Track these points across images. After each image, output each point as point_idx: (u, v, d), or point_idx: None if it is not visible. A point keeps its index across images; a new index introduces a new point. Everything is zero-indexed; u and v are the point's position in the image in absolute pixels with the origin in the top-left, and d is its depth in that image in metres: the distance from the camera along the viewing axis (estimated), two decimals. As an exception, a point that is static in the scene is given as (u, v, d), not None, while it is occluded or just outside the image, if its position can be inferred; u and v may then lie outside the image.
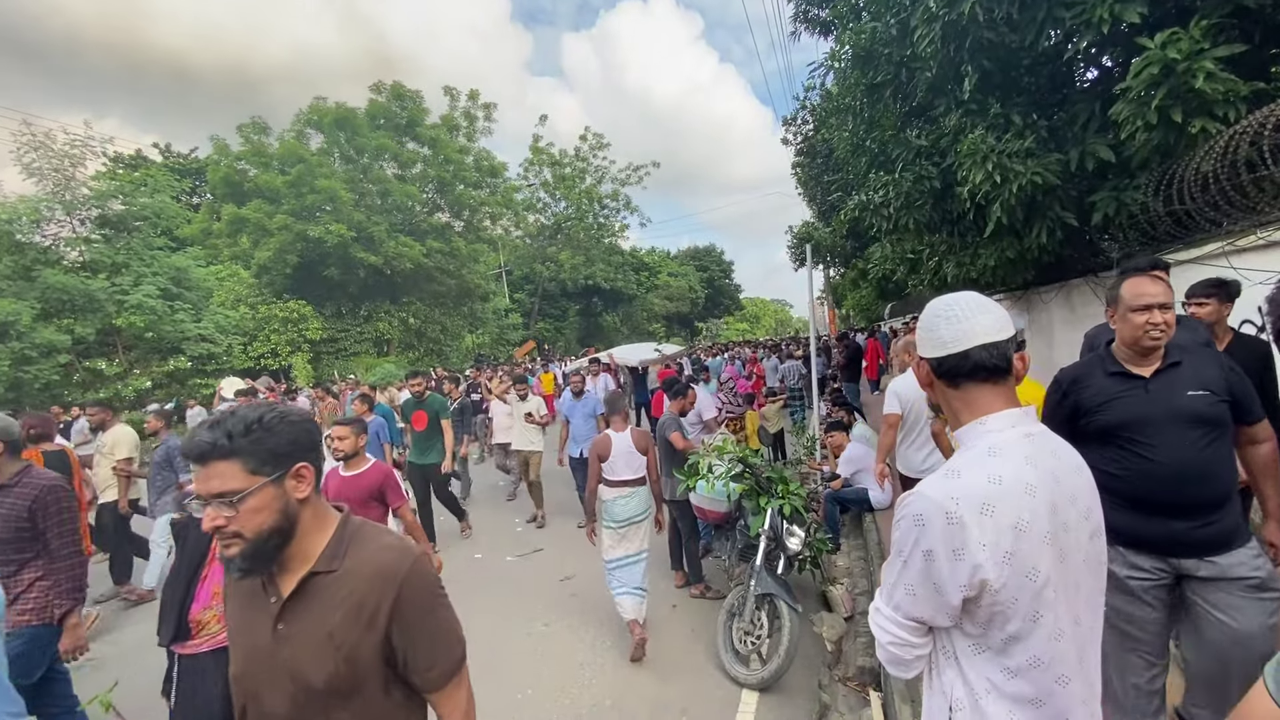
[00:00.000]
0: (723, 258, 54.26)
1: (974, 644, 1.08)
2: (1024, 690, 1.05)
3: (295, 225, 19.99)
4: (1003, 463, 1.07)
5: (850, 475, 5.44)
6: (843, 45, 6.46)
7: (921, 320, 1.22)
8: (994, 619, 1.04)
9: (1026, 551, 1.03)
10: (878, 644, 1.18)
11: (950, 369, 1.15)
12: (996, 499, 1.03)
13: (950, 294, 1.21)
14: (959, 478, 1.07)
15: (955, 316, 1.15)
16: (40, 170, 16.23)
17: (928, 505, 1.06)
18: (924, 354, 1.20)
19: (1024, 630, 1.04)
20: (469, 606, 4.74)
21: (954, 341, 1.14)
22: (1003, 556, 1.01)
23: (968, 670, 1.09)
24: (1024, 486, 1.05)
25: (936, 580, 1.04)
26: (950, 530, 1.03)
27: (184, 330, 17.04)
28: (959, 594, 1.04)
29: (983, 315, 1.14)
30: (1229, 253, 3.90)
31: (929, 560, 1.05)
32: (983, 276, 6.25)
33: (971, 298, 1.18)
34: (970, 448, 1.12)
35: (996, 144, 4.77)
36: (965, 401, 1.16)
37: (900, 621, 1.12)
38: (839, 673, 3.59)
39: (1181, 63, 3.60)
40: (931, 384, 1.21)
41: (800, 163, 14.43)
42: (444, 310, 26.28)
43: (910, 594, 1.09)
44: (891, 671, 1.21)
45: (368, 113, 23.30)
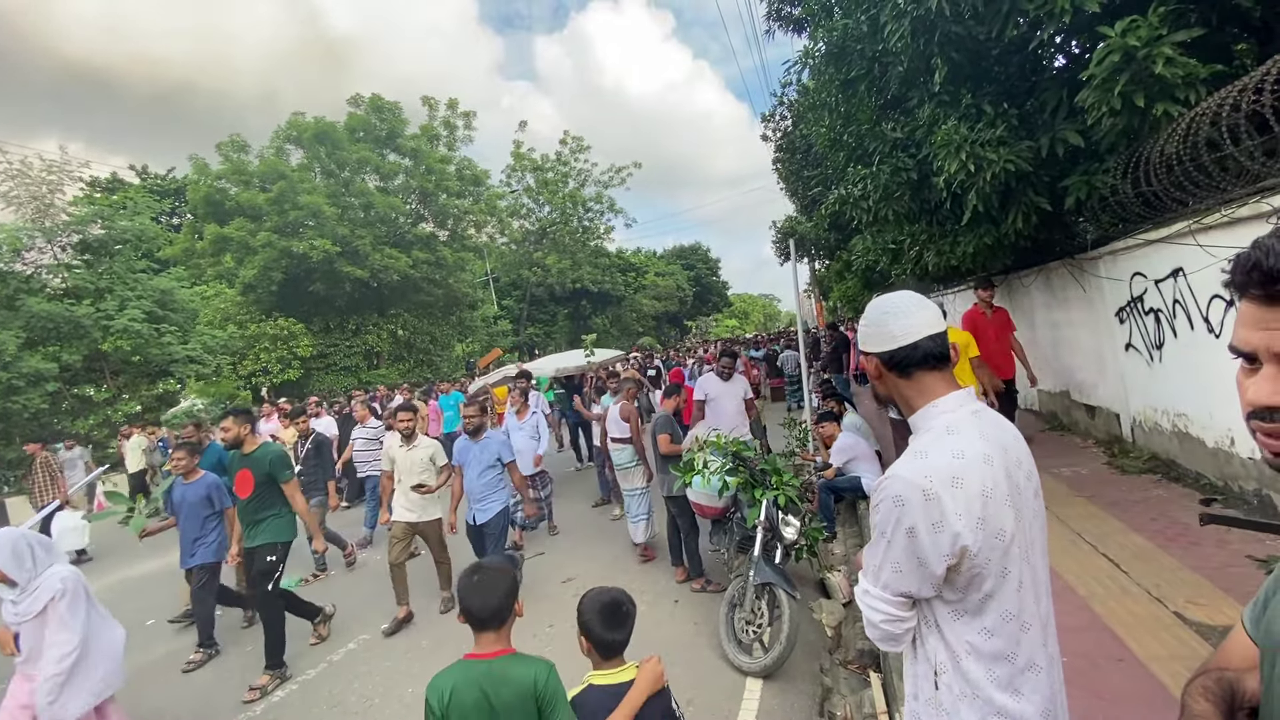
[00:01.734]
0: (709, 255, 54.43)
1: (952, 610, 1.18)
2: (999, 646, 1.16)
3: (279, 242, 19.88)
4: (961, 439, 1.18)
5: (843, 464, 5.54)
6: (816, 42, 6.57)
7: (867, 320, 1.32)
8: (972, 581, 1.14)
9: (994, 515, 1.14)
10: (868, 623, 1.25)
11: (901, 360, 1.25)
12: (963, 472, 1.13)
13: (889, 294, 1.33)
14: (927, 458, 1.17)
15: (902, 312, 1.27)
16: (19, 198, 16.07)
17: (904, 486, 1.14)
18: (872, 349, 1.29)
19: (996, 587, 1.15)
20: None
21: (904, 335, 1.24)
22: (976, 522, 1.11)
23: (948, 635, 1.19)
24: (983, 457, 1.16)
25: (920, 554, 1.13)
26: (928, 506, 1.11)
27: (171, 352, 16.90)
28: (943, 563, 1.12)
29: (924, 310, 1.26)
30: (1196, 231, 4.03)
31: (911, 537, 1.13)
32: (963, 263, 6.38)
33: (911, 295, 1.29)
34: (928, 429, 1.23)
35: (969, 134, 4.88)
36: (918, 389, 1.26)
37: (889, 599, 1.19)
38: (839, 656, 3.68)
39: (1141, 49, 3.72)
40: (881, 376, 1.31)
41: (780, 158, 14.56)
42: (432, 320, 26.22)
43: (897, 570, 1.17)
44: (883, 648, 1.31)
45: (347, 126, 23.20)
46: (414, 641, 4.50)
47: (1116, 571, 3.50)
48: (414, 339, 24.89)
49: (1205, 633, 2.79)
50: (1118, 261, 5.25)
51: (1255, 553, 3.33)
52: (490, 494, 4.85)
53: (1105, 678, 2.62)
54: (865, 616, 1.25)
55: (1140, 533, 3.93)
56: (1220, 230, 3.84)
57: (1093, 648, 2.82)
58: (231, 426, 4.41)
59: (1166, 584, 3.26)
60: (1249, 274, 0.66)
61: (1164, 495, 4.50)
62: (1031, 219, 5.28)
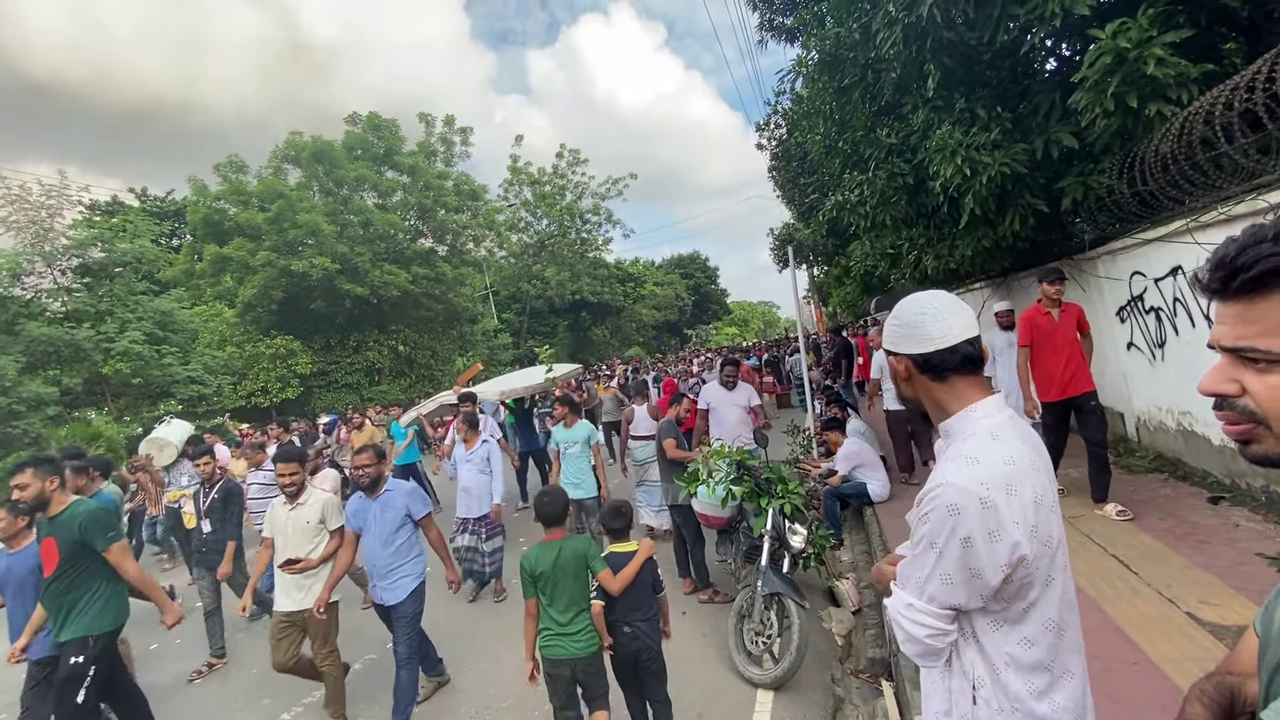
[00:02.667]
0: (707, 264, 54.57)
1: (993, 620, 1.14)
2: (1039, 656, 1.12)
3: (278, 261, 19.93)
4: (1008, 444, 1.14)
5: (849, 471, 5.53)
6: (809, 50, 6.63)
7: (900, 319, 1.25)
8: (1020, 591, 1.11)
9: (1045, 522, 1.11)
10: (909, 639, 1.19)
11: (938, 364, 1.19)
12: (1016, 478, 1.10)
13: (922, 293, 1.27)
14: (979, 464, 1.11)
15: (939, 313, 1.21)
16: (18, 223, 16.15)
17: (960, 494, 1.09)
18: (905, 350, 1.23)
19: (1040, 595, 1.12)
20: (478, 627, 4.77)
21: (942, 337, 1.19)
22: (1030, 530, 1.08)
23: (987, 647, 1.15)
24: (1029, 462, 1.13)
25: (974, 565, 1.08)
26: (985, 514, 1.07)
27: (172, 373, 16.91)
28: (1000, 574, 1.08)
29: (962, 312, 1.22)
30: (1193, 229, 4.04)
31: (967, 547, 1.08)
32: (962, 266, 6.40)
33: (946, 296, 1.24)
34: (970, 434, 1.17)
35: (964, 138, 4.91)
36: (953, 393, 1.21)
37: (935, 612, 1.14)
38: (850, 666, 3.65)
39: (1132, 50, 3.76)
40: (911, 378, 1.24)
41: (776, 166, 14.64)
42: (433, 335, 26.22)
43: (947, 583, 1.11)
44: (922, 664, 1.24)
45: (344, 144, 23.32)
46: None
47: (1126, 572, 3.48)
48: (415, 354, 24.87)
49: (1219, 633, 2.76)
50: (1116, 261, 5.26)
51: (1265, 550, 3.31)
52: (399, 564, 3.65)
53: (1119, 681, 2.59)
54: (906, 632, 1.19)
55: (1149, 532, 3.91)
56: (1217, 228, 3.85)
57: (1105, 650, 2.79)
58: (30, 482, 3.26)
59: (1177, 584, 3.23)
60: (1210, 274, 0.69)
61: (1171, 494, 4.48)
62: (1029, 221, 5.30)
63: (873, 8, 5.37)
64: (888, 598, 1.28)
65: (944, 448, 1.23)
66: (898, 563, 1.30)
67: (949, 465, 1.15)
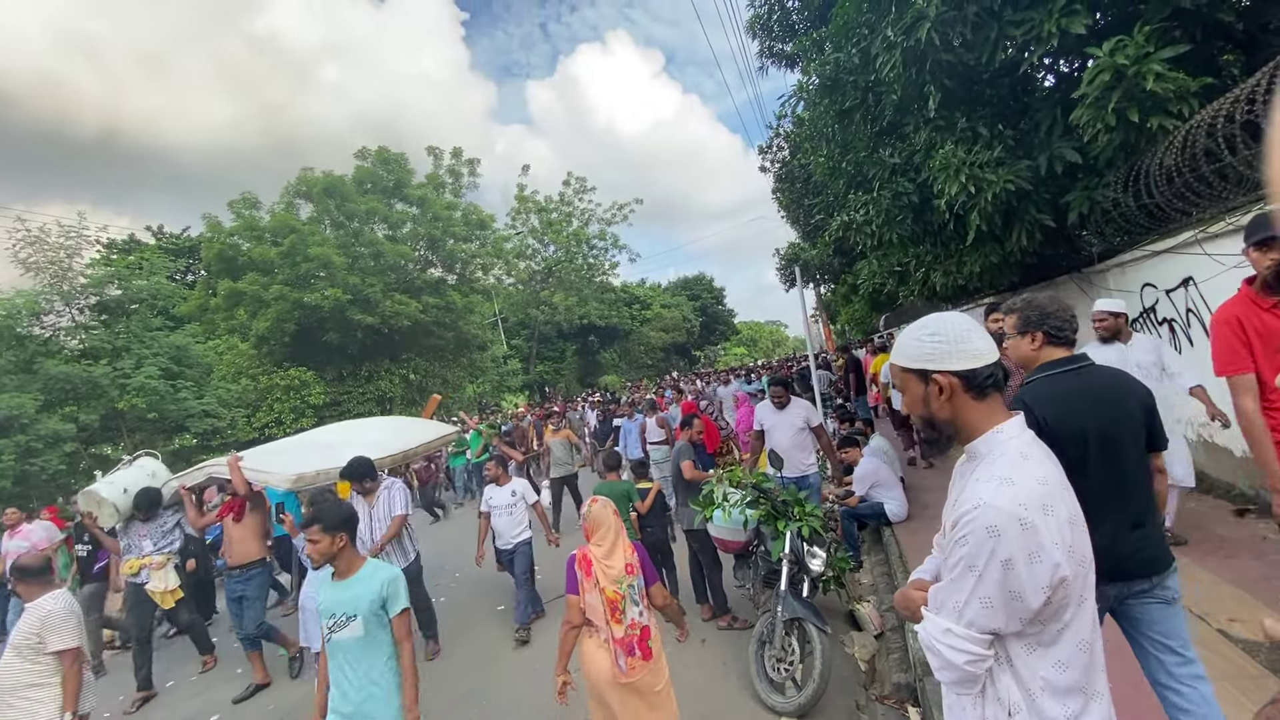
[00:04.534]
0: (713, 285, 54.77)
1: (1027, 644, 1.12)
2: (1073, 679, 1.11)
3: (291, 294, 20.23)
4: (1039, 465, 1.13)
5: (865, 491, 5.48)
6: (809, 75, 6.74)
7: (942, 336, 1.21)
8: (1057, 612, 1.10)
9: (1079, 542, 1.10)
10: (947, 666, 1.16)
11: (984, 380, 1.17)
12: (1051, 499, 1.09)
13: (946, 313, 1.26)
14: (1014, 484, 1.09)
15: (980, 330, 1.21)
16: (37, 264, 16.53)
17: (999, 516, 1.07)
18: (950, 367, 1.19)
19: (1074, 616, 1.11)
20: (498, 660, 4.72)
21: (990, 352, 1.18)
22: (1068, 551, 1.08)
23: (1022, 671, 1.13)
24: (1061, 483, 1.13)
25: (1015, 587, 1.06)
26: (1025, 536, 1.05)
27: (187, 408, 17.09)
28: (1041, 595, 1.06)
29: (986, 332, 1.23)
30: (1202, 239, 4.04)
31: (1008, 569, 1.06)
32: (970, 282, 6.40)
33: (966, 316, 1.25)
34: (1001, 455, 1.16)
35: (967, 156, 4.96)
36: (987, 412, 1.20)
37: (975, 637, 1.11)
38: (875, 691, 3.57)
39: (1131, 67, 3.80)
40: (952, 397, 1.20)
41: (780, 188, 14.77)
42: (444, 363, 26.41)
43: (987, 607, 1.09)
44: (959, 691, 1.20)
45: (355, 178, 23.82)
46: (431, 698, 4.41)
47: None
48: (426, 382, 25.02)
49: (1252, 650, 2.70)
50: (1126, 273, 5.25)
51: (1298, 564, 3.24)
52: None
53: (1149, 702, 2.52)
54: (944, 659, 1.15)
55: (1174, 547, 3.82)
56: (1227, 238, 3.85)
57: (1134, 670, 2.71)
58: None
59: (1206, 599, 3.16)
60: None
61: (1195, 508, 4.40)
62: (1035, 236, 5.31)
63: (871, 33, 5.48)
64: (916, 624, 1.27)
65: (969, 469, 1.22)
66: (924, 588, 1.29)
67: (983, 486, 1.13)
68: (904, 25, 4.76)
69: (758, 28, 9.44)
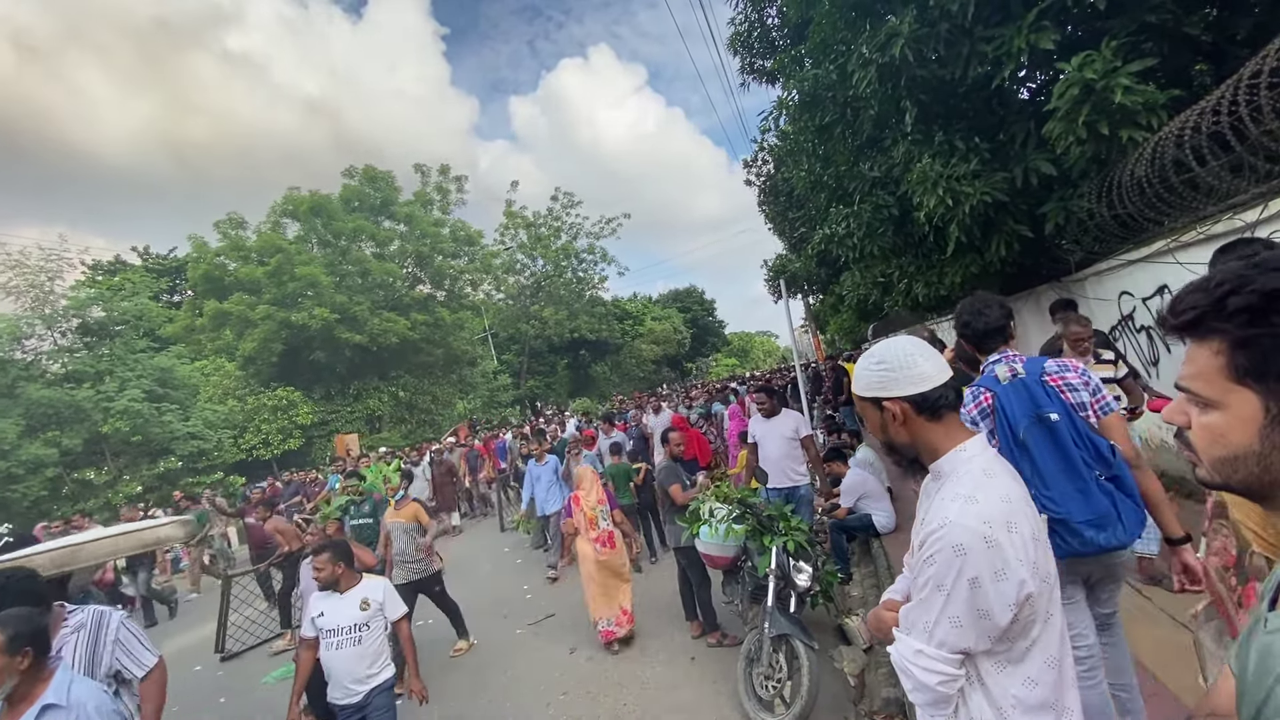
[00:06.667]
0: (704, 297, 55.04)
1: (997, 662, 1.12)
2: (1043, 696, 1.11)
3: (278, 313, 20.15)
4: (1001, 482, 1.14)
5: (853, 502, 5.47)
6: (789, 91, 6.83)
7: (888, 364, 1.23)
8: (1024, 629, 1.10)
9: (1042, 558, 1.11)
10: (920, 687, 1.15)
11: (935, 401, 1.18)
12: (1014, 516, 1.10)
13: (893, 339, 1.29)
14: (978, 503, 1.10)
15: (926, 353, 1.22)
16: (17, 288, 16.38)
17: (964, 534, 1.07)
18: (900, 393, 1.20)
19: (1040, 632, 1.11)
20: (486, 685, 4.65)
21: (937, 374, 1.19)
22: (1032, 567, 1.08)
23: (993, 689, 1.12)
24: (1023, 499, 1.14)
25: (982, 605, 1.06)
26: (990, 553, 1.06)
27: (172, 430, 16.90)
28: (1008, 613, 1.06)
29: (936, 354, 1.24)
30: (1174, 249, 4.10)
31: (974, 587, 1.06)
32: (952, 292, 6.46)
33: (917, 339, 1.27)
34: (965, 473, 1.16)
35: (944, 169, 5.03)
36: (945, 432, 1.21)
37: (946, 657, 1.11)
38: (865, 707, 3.54)
39: (1099, 81, 3.88)
40: (907, 421, 1.21)
41: (766, 200, 14.91)
42: (433, 380, 26.32)
43: (956, 626, 1.09)
44: (932, 713, 1.19)
45: (342, 197, 23.85)
46: (426, 712, 4.33)
47: (1138, 598, 3.41)
48: (415, 399, 24.90)
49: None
50: (1103, 282, 5.31)
51: None
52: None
53: None
54: (916, 680, 1.15)
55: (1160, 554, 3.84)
56: (1198, 247, 3.91)
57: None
58: None
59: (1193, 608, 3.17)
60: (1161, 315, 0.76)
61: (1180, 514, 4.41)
62: (1014, 246, 5.38)
63: (848, 50, 5.57)
64: (889, 645, 1.26)
65: (935, 489, 1.22)
66: (895, 608, 1.28)
67: (949, 505, 1.13)
68: (879, 42, 4.84)
69: (738, 45, 9.57)
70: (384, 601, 3.41)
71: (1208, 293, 0.67)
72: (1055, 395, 2.12)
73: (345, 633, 3.25)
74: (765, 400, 5.30)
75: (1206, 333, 0.68)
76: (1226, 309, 0.65)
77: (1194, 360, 0.70)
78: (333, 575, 3.30)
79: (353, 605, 3.30)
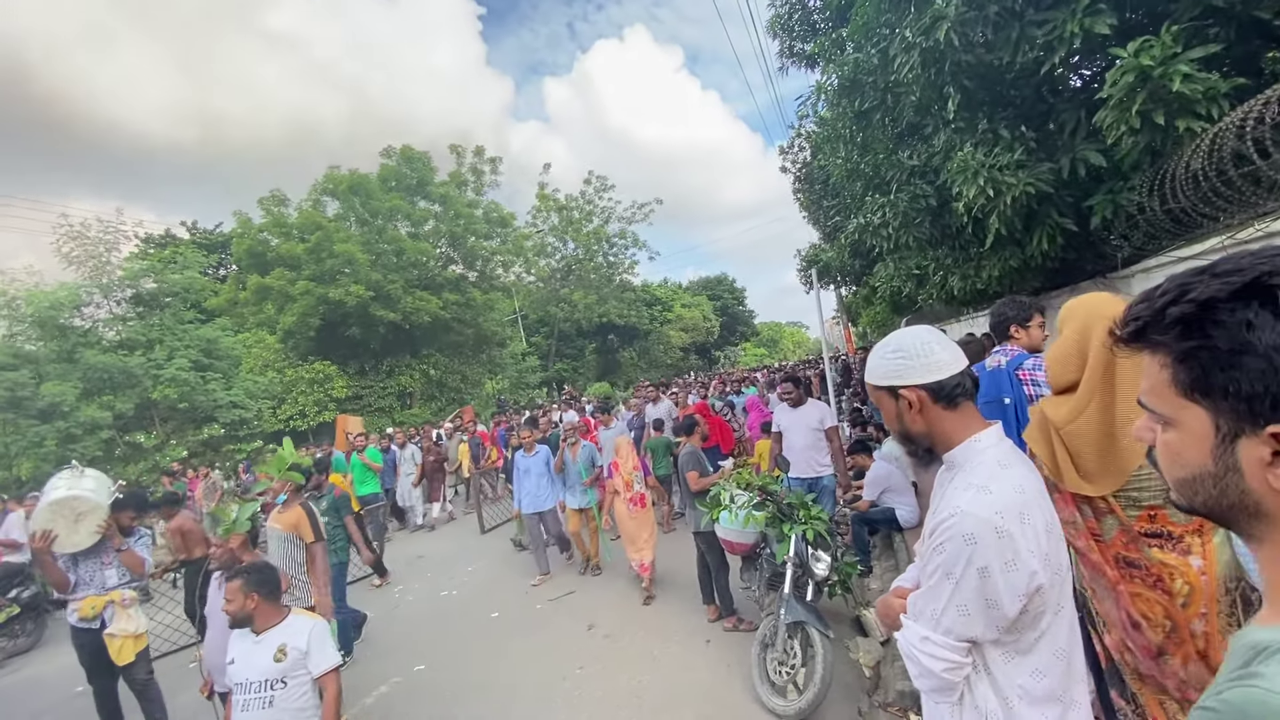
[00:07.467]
0: (734, 285, 54.55)
1: (1004, 652, 1.12)
2: (1050, 687, 1.11)
3: (316, 289, 20.67)
4: (1016, 473, 1.13)
5: (876, 496, 5.42)
6: (828, 76, 6.67)
7: (903, 352, 1.22)
8: (1034, 620, 1.10)
9: (1054, 550, 1.11)
10: (925, 673, 1.17)
11: (952, 390, 1.18)
12: (1027, 506, 1.09)
13: (906, 329, 1.27)
14: (991, 492, 1.10)
15: (942, 341, 1.22)
16: (78, 258, 17.14)
17: (975, 523, 1.08)
18: (915, 381, 1.19)
19: (1050, 624, 1.11)
20: (506, 653, 4.78)
21: (953, 363, 1.18)
22: (1044, 559, 1.08)
23: (1000, 679, 1.13)
24: (1038, 491, 1.13)
25: (991, 595, 1.07)
26: (1001, 543, 1.06)
27: (216, 399, 17.57)
28: (1018, 603, 1.07)
29: (951, 342, 1.23)
30: (1230, 247, 3.92)
31: (984, 577, 1.07)
32: (989, 286, 6.28)
33: (929, 329, 1.26)
34: (979, 463, 1.16)
35: (986, 159, 4.87)
36: (961, 422, 1.20)
37: (952, 645, 1.12)
38: (879, 698, 3.54)
39: (1156, 68, 3.70)
40: (922, 410, 1.21)
41: (800, 189, 14.65)
42: (463, 359, 26.74)
43: (964, 614, 1.10)
44: (937, 700, 1.21)
45: (379, 176, 24.23)
46: (440, 688, 4.48)
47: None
48: (445, 378, 25.36)
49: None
50: (1151, 279, 5.08)
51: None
52: None
53: None
54: (921, 666, 1.16)
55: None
56: (1256, 245, 3.73)
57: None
58: None
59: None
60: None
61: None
62: (1057, 240, 5.20)
63: (890, 33, 5.41)
64: (896, 631, 1.27)
65: (949, 478, 1.22)
66: (904, 595, 1.29)
67: (961, 494, 1.13)
68: (923, 26, 4.70)
69: (778, 27, 9.36)
70: (308, 649, 2.59)
71: (1150, 302, 0.64)
72: (1018, 385, 2.58)
73: (254, 690, 2.51)
74: (791, 390, 5.29)
75: (1152, 345, 0.65)
76: (1165, 320, 0.62)
77: (1148, 374, 0.66)
78: (243, 610, 2.54)
79: (267, 653, 2.54)
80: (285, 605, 2.72)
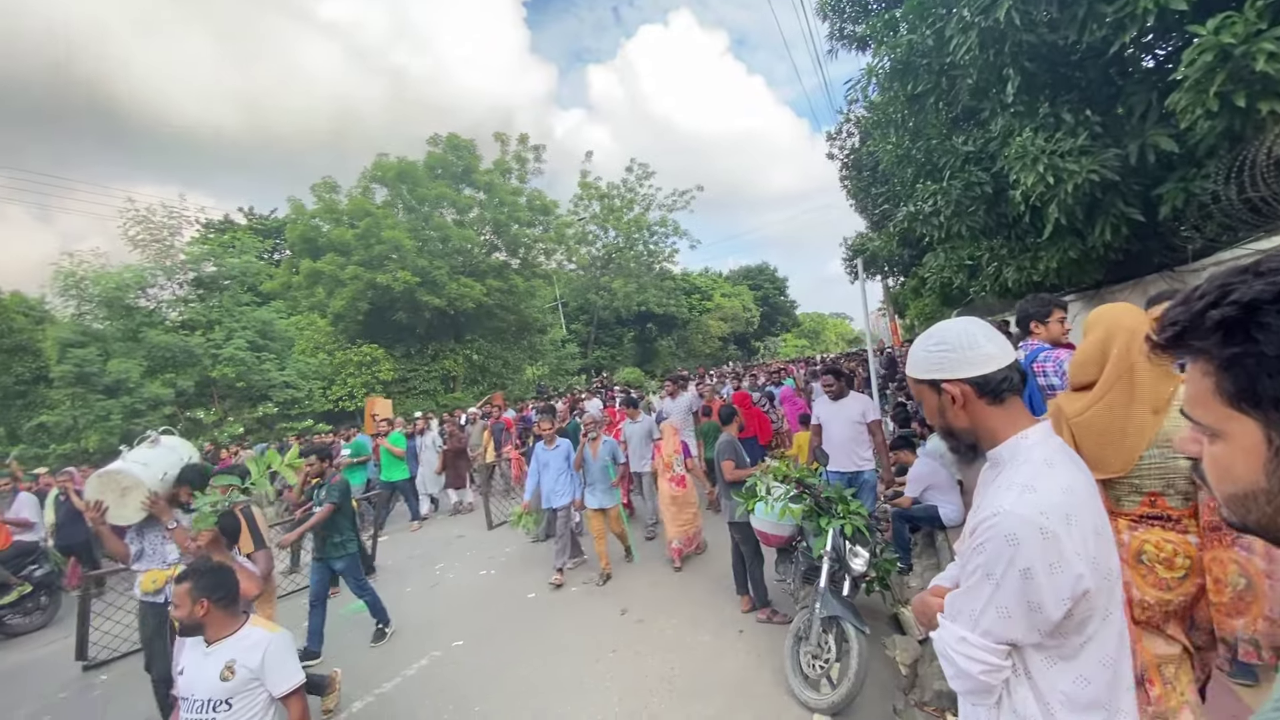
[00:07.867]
0: (776, 275, 53.71)
1: (1048, 657, 1.08)
2: (1095, 695, 1.07)
3: (365, 274, 21.30)
4: (1063, 472, 1.09)
5: (919, 493, 5.29)
6: (880, 58, 6.46)
7: (948, 344, 1.18)
8: (1079, 625, 1.06)
9: (1104, 553, 1.06)
10: (961, 675, 1.14)
11: (998, 384, 1.13)
12: (1075, 508, 1.05)
13: (952, 320, 1.22)
14: (1036, 492, 1.06)
15: (989, 334, 1.17)
16: (144, 241, 18.09)
17: (1019, 523, 1.04)
18: (961, 375, 1.15)
19: (1097, 630, 1.07)
20: (541, 634, 4.88)
21: (1000, 355, 1.14)
22: (1092, 562, 1.04)
23: (1041, 684, 1.09)
24: (1088, 492, 1.09)
25: (1033, 597, 1.03)
26: (1046, 545, 1.02)
27: (270, 378, 18.36)
28: (1061, 607, 1.03)
29: (999, 335, 1.18)
30: (1316, 238, 3.65)
31: (1027, 578, 1.03)
32: (1046, 278, 6.01)
33: (976, 321, 1.21)
34: (1025, 461, 1.12)
35: (1046, 144, 4.65)
36: (1008, 417, 1.15)
37: (991, 647, 1.09)
38: (915, 697, 3.48)
39: (1238, 46, 3.45)
40: (967, 405, 1.16)
41: (848, 175, 14.27)
42: (505, 345, 27.21)
43: (1004, 616, 1.07)
44: (975, 702, 1.18)
45: (426, 164, 24.71)
46: (479, 664, 4.61)
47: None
48: (488, 363, 25.87)
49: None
50: (1225, 273, 4.80)
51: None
52: None
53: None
54: (958, 667, 1.13)
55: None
56: (1345, 237, 3.46)
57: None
58: None
59: None
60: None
61: None
62: (1121, 230, 4.93)
63: (947, 13, 5.19)
64: (932, 630, 1.24)
65: (993, 476, 1.18)
66: (942, 594, 1.25)
67: (1004, 493, 1.09)
68: (982, 4, 4.49)
69: (828, 8, 9.07)
70: (261, 668, 2.29)
71: (1188, 305, 0.59)
72: (1031, 377, 2.69)
73: (197, 709, 2.25)
74: (833, 382, 5.20)
75: (1193, 352, 0.59)
76: (1205, 324, 0.57)
77: (1190, 382, 0.61)
78: (192, 617, 2.27)
79: (214, 669, 2.27)
80: (243, 613, 2.42)
